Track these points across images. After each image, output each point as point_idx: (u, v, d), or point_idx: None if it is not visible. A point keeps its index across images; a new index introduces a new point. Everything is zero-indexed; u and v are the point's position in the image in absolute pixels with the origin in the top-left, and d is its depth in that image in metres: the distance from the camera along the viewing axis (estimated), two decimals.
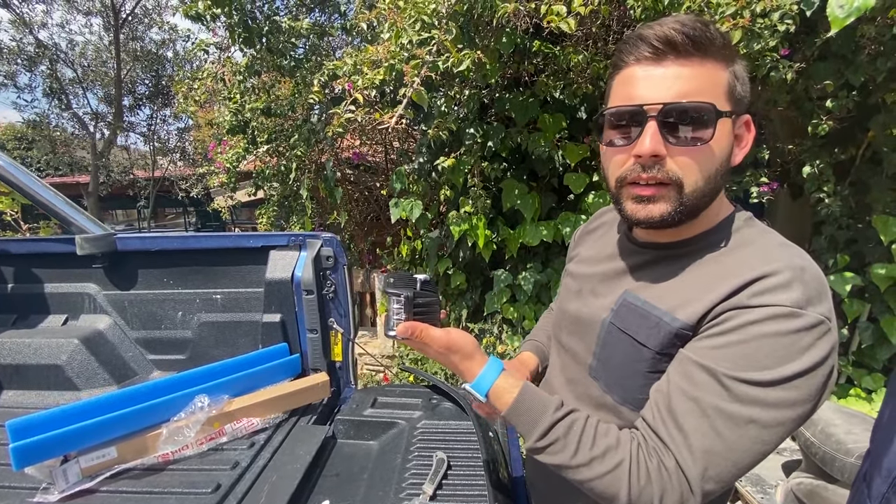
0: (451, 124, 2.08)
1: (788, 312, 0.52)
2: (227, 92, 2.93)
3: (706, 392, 0.55)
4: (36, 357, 1.40)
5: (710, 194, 0.62)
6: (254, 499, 0.90)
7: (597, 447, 0.59)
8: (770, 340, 0.52)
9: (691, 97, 0.57)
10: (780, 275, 0.54)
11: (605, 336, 0.69)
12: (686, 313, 0.60)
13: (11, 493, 0.93)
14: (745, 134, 0.64)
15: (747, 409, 0.53)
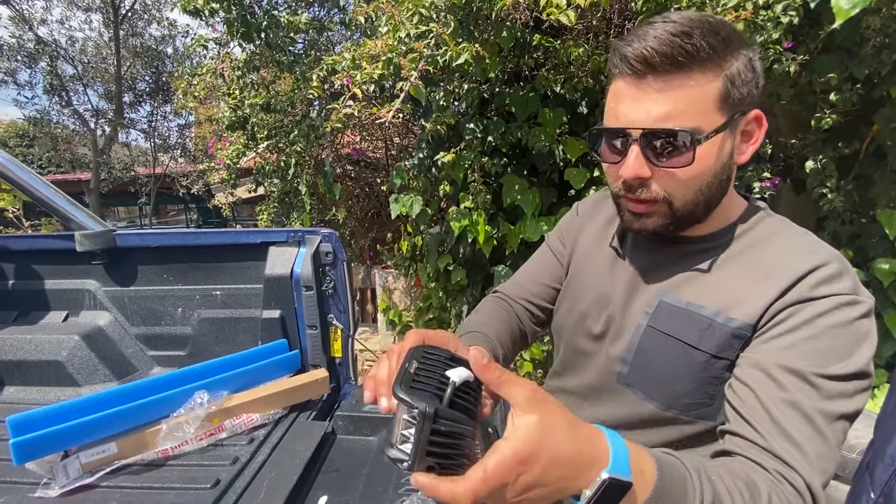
0: (450, 119, 2.06)
1: (851, 300, 0.53)
2: (226, 88, 2.93)
3: (800, 394, 0.52)
4: (37, 353, 1.40)
5: (710, 199, 0.61)
6: (253, 494, 0.90)
7: (743, 491, 0.47)
8: (840, 330, 0.53)
9: (672, 121, 0.55)
10: (830, 265, 0.55)
11: (643, 342, 0.65)
12: (742, 313, 0.58)
13: (13, 488, 0.93)
14: (755, 130, 0.61)
15: (836, 403, 0.52)
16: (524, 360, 2.56)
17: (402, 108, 1.67)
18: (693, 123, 0.55)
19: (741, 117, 0.58)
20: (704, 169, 0.58)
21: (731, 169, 0.61)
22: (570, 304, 0.80)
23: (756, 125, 0.61)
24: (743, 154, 0.61)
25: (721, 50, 0.54)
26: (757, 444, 0.52)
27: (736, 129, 0.59)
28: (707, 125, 0.55)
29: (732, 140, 0.59)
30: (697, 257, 0.65)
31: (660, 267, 0.67)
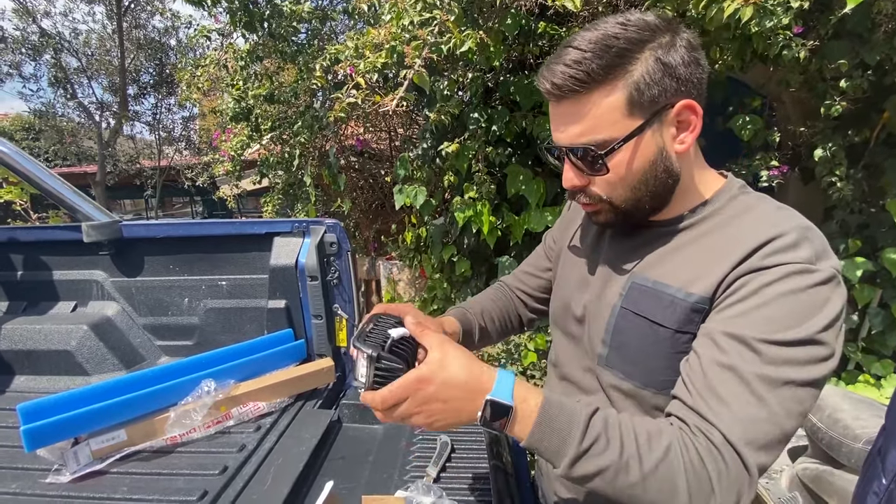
0: (454, 109, 2.05)
1: (802, 269, 0.54)
2: (229, 79, 2.92)
3: (740, 359, 0.53)
4: (46, 343, 1.42)
5: (654, 192, 0.64)
6: (260, 481, 0.91)
7: (640, 436, 0.54)
8: (789, 298, 0.53)
9: (584, 137, 0.60)
10: (787, 235, 0.56)
11: (618, 322, 0.68)
12: (700, 287, 0.60)
13: (25, 474, 0.95)
14: (689, 118, 0.61)
15: (782, 369, 0.52)
16: (528, 350, 2.57)
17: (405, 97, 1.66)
18: (604, 135, 0.59)
19: (665, 112, 0.60)
20: (629, 172, 0.62)
21: (670, 160, 0.63)
22: (559, 292, 0.84)
23: (690, 113, 0.61)
24: (683, 143, 0.62)
25: (616, 63, 0.57)
26: (685, 402, 0.56)
27: (662, 125, 0.61)
28: (619, 133, 0.59)
29: (660, 135, 0.61)
30: (667, 238, 0.68)
31: (633, 250, 0.71)
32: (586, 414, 0.55)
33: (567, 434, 0.53)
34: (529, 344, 2.58)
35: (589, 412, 0.55)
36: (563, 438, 0.53)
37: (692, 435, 0.53)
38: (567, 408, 0.56)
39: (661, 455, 0.52)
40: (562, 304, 0.82)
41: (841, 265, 0.58)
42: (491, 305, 0.95)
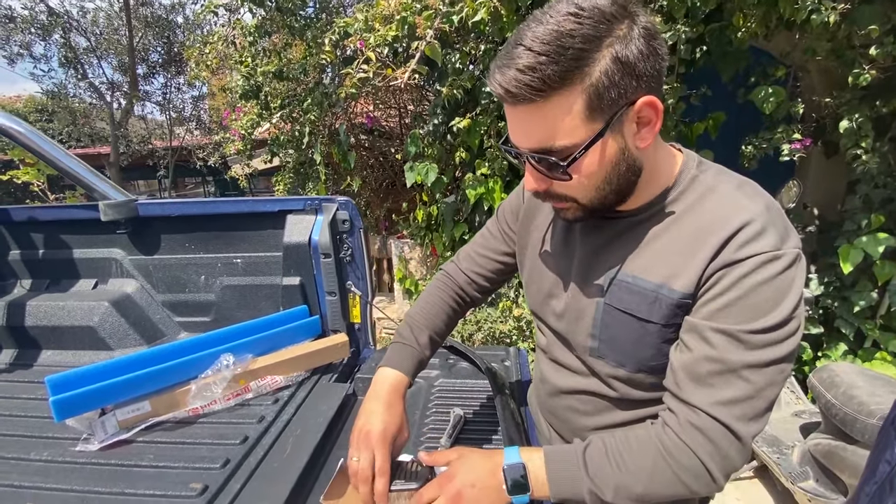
0: (466, 82, 2.00)
1: (772, 256, 0.57)
2: (238, 56, 2.89)
3: (727, 352, 0.58)
4: (70, 319, 1.46)
5: (618, 189, 0.63)
6: (280, 450, 0.94)
7: (631, 448, 0.62)
8: (764, 287, 0.57)
9: (545, 143, 0.58)
10: (754, 223, 0.58)
11: (604, 318, 0.70)
12: (681, 283, 0.62)
13: (55, 443, 0.99)
14: (650, 116, 0.59)
15: (767, 352, 0.57)
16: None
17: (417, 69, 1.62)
18: (564, 142, 0.57)
19: (627, 111, 0.57)
20: (591, 175, 0.60)
21: (633, 157, 0.61)
22: (536, 285, 0.83)
23: (651, 111, 0.58)
24: (644, 140, 0.60)
25: (573, 68, 0.53)
26: (677, 395, 0.62)
27: (622, 125, 0.58)
28: (579, 139, 0.57)
29: (621, 136, 0.59)
30: (638, 229, 0.68)
31: (607, 243, 0.71)
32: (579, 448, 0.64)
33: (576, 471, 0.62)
34: None
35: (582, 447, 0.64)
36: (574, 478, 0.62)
37: (674, 427, 0.60)
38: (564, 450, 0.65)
39: (650, 464, 0.60)
40: (541, 299, 0.82)
41: (799, 239, 0.60)
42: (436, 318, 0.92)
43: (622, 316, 0.67)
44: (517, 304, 2.70)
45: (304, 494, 0.84)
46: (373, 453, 0.71)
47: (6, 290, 1.59)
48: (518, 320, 2.60)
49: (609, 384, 0.74)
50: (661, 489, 0.60)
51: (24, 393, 1.23)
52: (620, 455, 0.62)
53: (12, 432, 1.03)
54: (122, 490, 0.84)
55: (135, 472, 0.89)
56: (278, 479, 0.85)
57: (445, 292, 0.96)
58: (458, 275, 0.97)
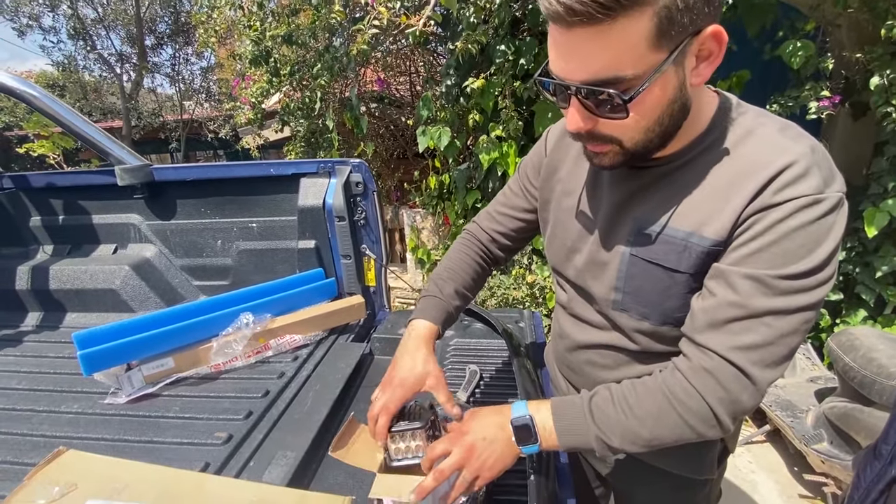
0: (481, 37, 1.92)
1: (812, 200, 0.53)
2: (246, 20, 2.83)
3: (753, 298, 0.55)
4: (93, 282, 1.50)
5: (665, 131, 0.58)
6: (300, 403, 0.96)
7: (637, 393, 0.62)
8: (801, 232, 0.54)
9: (603, 73, 0.51)
10: (796, 165, 0.54)
11: (630, 269, 0.67)
12: (713, 230, 0.58)
13: (85, 397, 1.03)
14: (713, 48, 0.54)
15: (794, 298, 0.55)
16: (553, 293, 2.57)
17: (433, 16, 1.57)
18: (627, 73, 0.51)
19: (691, 41, 0.52)
20: (647, 113, 0.55)
21: (687, 95, 0.56)
22: (559, 241, 0.80)
23: (714, 43, 0.53)
24: (700, 76, 0.55)
25: None
26: (694, 339, 0.60)
27: (685, 57, 0.53)
28: (643, 69, 0.51)
29: (682, 69, 0.54)
30: (670, 178, 0.64)
31: (636, 193, 0.67)
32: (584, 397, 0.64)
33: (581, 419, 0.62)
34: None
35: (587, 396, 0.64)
36: (582, 427, 0.62)
37: (684, 371, 0.59)
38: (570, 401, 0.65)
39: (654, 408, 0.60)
40: (563, 254, 0.79)
41: (843, 182, 0.56)
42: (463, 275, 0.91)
43: (649, 266, 0.65)
44: (530, 270, 2.69)
45: (325, 444, 0.86)
46: (385, 396, 0.72)
47: (30, 256, 1.63)
48: (531, 287, 2.60)
49: (631, 337, 0.72)
50: (668, 433, 0.60)
51: (52, 352, 1.27)
52: (626, 401, 0.61)
53: (43, 387, 1.08)
54: (150, 438, 0.88)
55: (162, 422, 0.92)
56: (300, 430, 0.87)
57: (469, 249, 0.95)
58: (480, 234, 0.96)
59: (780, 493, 1.97)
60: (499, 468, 0.64)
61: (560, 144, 0.82)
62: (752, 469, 2.11)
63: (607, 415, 0.61)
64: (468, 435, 0.65)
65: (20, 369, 1.17)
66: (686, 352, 0.61)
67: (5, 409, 0.99)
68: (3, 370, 1.17)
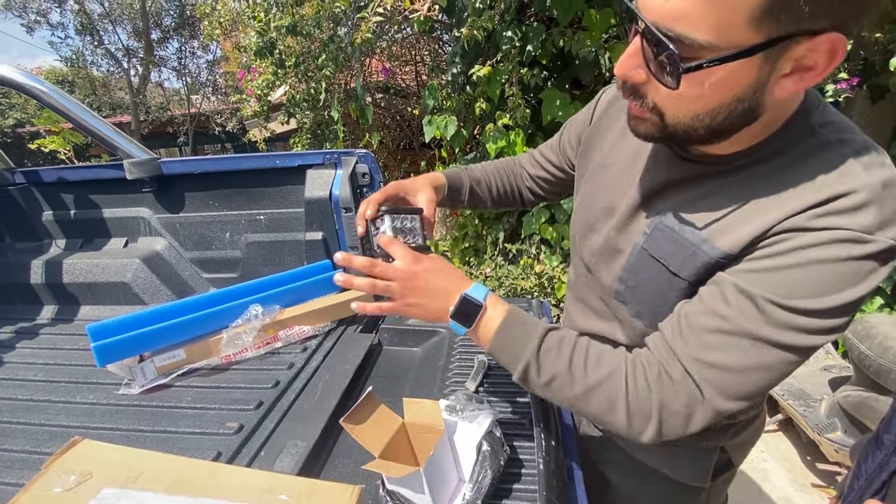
0: (487, 23, 1.90)
1: (853, 237, 0.44)
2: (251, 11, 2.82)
3: (739, 314, 0.49)
4: (105, 276, 1.52)
5: (715, 129, 0.49)
6: (310, 393, 0.97)
7: (591, 356, 0.57)
8: (826, 267, 0.45)
9: (681, 24, 0.41)
10: (853, 195, 0.45)
11: (636, 262, 0.63)
12: (728, 241, 0.51)
13: (99, 388, 1.04)
14: (820, 61, 0.42)
15: (785, 334, 0.48)
16: (562, 283, 2.57)
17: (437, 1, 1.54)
18: (701, 35, 0.41)
19: (799, 41, 0.41)
20: (701, 97, 0.46)
21: (760, 102, 0.46)
22: (583, 216, 0.76)
23: (824, 56, 0.42)
24: (786, 89, 0.45)
25: None
26: (665, 338, 0.55)
27: (782, 55, 0.42)
28: (724, 42, 0.41)
29: (770, 68, 0.43)
30: (714, 179, 0.56)
31: (671, 186, 0.60)
32: (544, 328, 0.60)
33: (524, 343, 0.58)
34: (563, 277, 2.57)
35: (547, 327, 0.60)
36: (520, 347, 0.59)
37: (646, 364, 0.55)
38: (528, 321, 0.61)
39: (605, 376, 0.55)
40: (583, 229, 0.76)
41: None
42: (494, 175, 0.96)
43: (654, 264, 0.60)
44: (538, 260, 2.68)
45: (335, 434, 0.87)
46: None
47: (43, 250, 1.66)
48: (540, 276, 2.59)
49: (626, 333, 0.70)
50: (594, 408, 0.56)
51: (66, 344, 1.29)
52: (580, 355, 0.57)
53: (59, 379, 1.10)
54: (164, 428, 0.89)
55: (175, 412, 0.94)
56: (310, 420, 0.88)
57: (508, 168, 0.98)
58: (519, 167, 0.99)
59: (793, 481, 1.96)
60: (417, 315, 0.64)
61: (610, 111, 0.76)
62: (763, 458, 2.10)
63: (553, 354, 0.58)
64: (418, 279, 0.63)
65: (37, 361, 1.19)
66: (653, 345, 0.57)
67: (23, 400, 1.01)
68: (21, 362, 1.19)
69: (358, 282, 0.67)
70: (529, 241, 2.75)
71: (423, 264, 0.64)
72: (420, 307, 0.63)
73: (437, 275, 0.63)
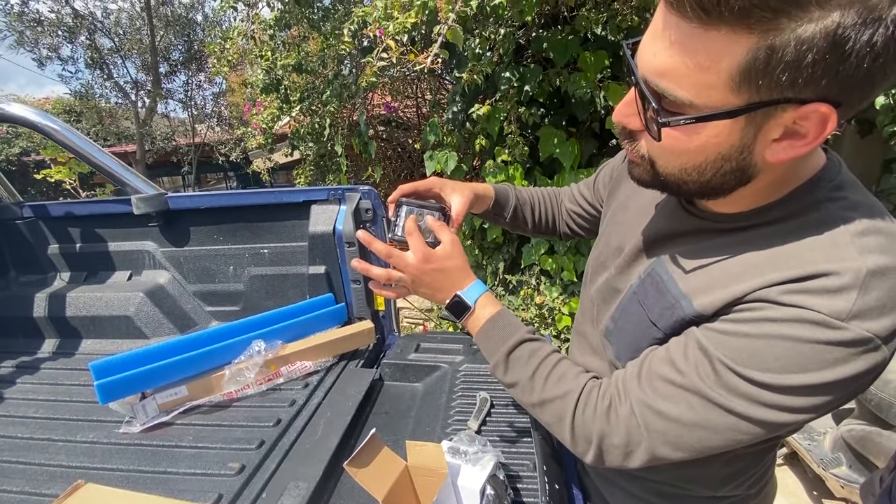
0: (486, 67, 1.99)
1: (820, 320, 0.43)
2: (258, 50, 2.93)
3: (694, 371, 0.50)
4: (108, 309, 1.52)
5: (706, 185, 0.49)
6: (311, 432, 0.97)
7: (553, 373, 0.64)
8: (786, 344, 0.44)
9: (658, 79, 0.43)
10: (834, 277, 0.43)
11: (627, 304, 0.64)
12: (703, 301, 0.51)
13: (100, 426, 1.04)
14: (811, 130, 0.42)
15: (731, 399, 0.48)
16: (562, 315, 2.57)
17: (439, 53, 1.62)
18: (682, 92, 0.42)
19: (785, 108, 0.41)
20: (684, 151, 0.47)
21: (750, 164, 0.46)
22: (598, 251, 0.80)
23: (816, 126, 0.41)
24: (777, 155, 0.44)
25: (777, 6, 0.35)
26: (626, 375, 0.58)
27: (767, 122, 0.42)
28: (704, 101, 0.42)
29: (755, 132, 0.43)
30: (712, 236, 0.56)
31: (672, 236, 0.62)
32: (521, 337, 0.67)
33: (499, 344, 0.67)
34: (563, 308, 2.57)
35: (525, 336, 0.67)
36: (495, 346, 0.68)
37: (600, 395, 0.59)
38: (510, 325, 0.69)
39: (560, 394, 0.61)
40: (595, 265, 0.79)
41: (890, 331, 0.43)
42: (539, 201, 1.01)
43: (639, 309, 0.61)
44: (539, 291, 2.69)
45: (336, 474, 0.86)
46: None
47: (47, 283, 1.67)
48: (540, 307, 2.60)
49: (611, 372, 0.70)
50: (545, 417, 0.63)
51: (68, 380, 1.29)
52: (544, 369, 0.64)
53: (59, 416, 1.09)
54: (164, 469, 0.88)
55: (176, 452, 0.93)
56: (311, 459, 0.87)
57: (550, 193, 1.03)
58: (559, 199, 1.03)
59: None
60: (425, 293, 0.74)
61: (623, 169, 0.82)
62: None
63: (522, 362, 0.65)
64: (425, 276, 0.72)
65: (37, 397, 1.18)
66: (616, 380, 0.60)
67: (23, 438, 1.00)
68: (21, 398, 1.19)
69: (375, 272, 0.76)
70: (529, 272, 2.77)
71: (431, 264, 0.71)
72: (425, 297, 0.75)
73: (441, 275, 0.72)
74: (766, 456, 0.70)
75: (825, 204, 0.49)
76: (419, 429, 1.00)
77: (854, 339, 0.42)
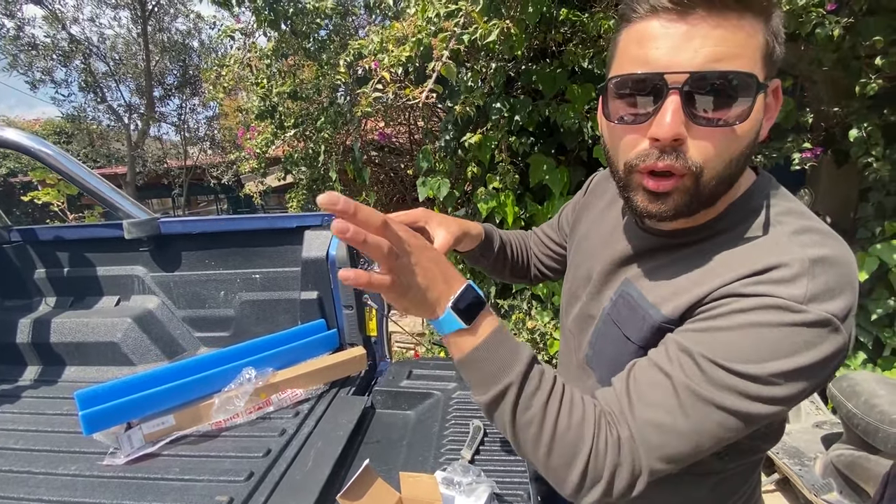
0: (478, 100, 2.05)
1: (783, 305, 0.46)
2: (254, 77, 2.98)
3: (680, 371, 0.50)
4: (94, 335, 1.50)
5: (729, 180, 0.53)
6: (302, 463, 0.95)
7: (566, 399, 0.54)
8: (760, 331, 0.47)
9: (727, 63, 0.46)
10: (784, 268, 0.48)
11: (601, 327, 0.66)
12: (670, 307, 0.54)
13: (83, 457, 1.01)
14: (773, 103, 0.53)
15: (721, 394, 0.48)
16: (554, 340, 2.57)
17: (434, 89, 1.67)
18: (746, 67, 0.47)
19: (768, 87, 0.50)
20: (748, 131, 0.50)
21: (755, 147, 0.53)
22: (568, 284, 0.81)
23: (774, 98, 0.53)
24: (763, 131, 0.52)
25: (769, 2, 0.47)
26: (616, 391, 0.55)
27: (765, 97, 0.51)
28: (758, 72, 0.48)
29: (762, 109, 0.51)
30: (672, 251, 0.60)
31: (635, 255, 0.64)
32: (529, 355, 0.55)
33: (507, 365, 0.53)
34: (555, 333, 2.58)
35: (532, 355, 0.56)
36: (501, 367, 0.53)
37: (609, 424, 0.53)
38: (514, 341, 0.56)
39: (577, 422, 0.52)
40: (568, 297, 0.80)
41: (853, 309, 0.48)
42: (516, 243, 0.99)
43: (614, 329, 0.63)
44: (530, 316, 2.70)
45: None
46: None
47: (32, 308, 1.64)
48: (532, 332, 2.60)
49: None
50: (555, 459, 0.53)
51: (50, 409, 1.25)
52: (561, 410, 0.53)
53: (41, 447, 1.06)
54: (149, 503, 0.86)
55: (161, 485, 0.91)
56: (302, 491, 0.86)
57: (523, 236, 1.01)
58: (529, 243, 1.02)
59: None
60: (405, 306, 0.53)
61: (598, 189, 0.83)
62: None
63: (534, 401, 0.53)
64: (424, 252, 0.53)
65: (18, 427, 1.15)
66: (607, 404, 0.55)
67: (2, 471, 0.97)
68: (0, 428, 1.15)
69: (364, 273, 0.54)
70: (521, 297, 2.78)
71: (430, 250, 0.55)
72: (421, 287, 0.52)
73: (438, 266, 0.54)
74: (751, 476, 0.70)
75: (762, 212, 0.55)
76: (412, 458, 0.98)
77: (816, 320, 0.46)
